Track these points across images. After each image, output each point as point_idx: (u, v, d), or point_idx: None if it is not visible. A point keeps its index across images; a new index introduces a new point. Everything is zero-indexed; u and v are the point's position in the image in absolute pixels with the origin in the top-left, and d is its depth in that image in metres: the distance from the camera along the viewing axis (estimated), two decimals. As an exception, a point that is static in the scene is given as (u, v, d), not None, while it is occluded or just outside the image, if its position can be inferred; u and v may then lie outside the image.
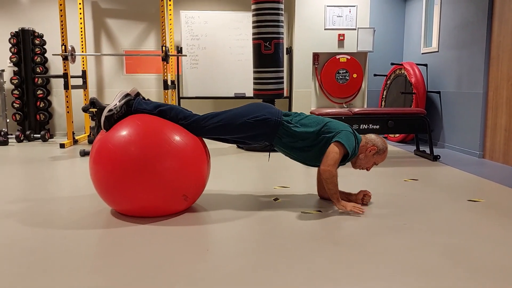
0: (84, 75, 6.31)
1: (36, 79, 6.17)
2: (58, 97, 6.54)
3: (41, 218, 2.65)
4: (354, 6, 6.21)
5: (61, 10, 5.52)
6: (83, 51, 6.25)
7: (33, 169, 4.16)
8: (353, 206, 2.74)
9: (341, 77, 6.31)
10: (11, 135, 6.09)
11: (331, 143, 2.70)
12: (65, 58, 5.62)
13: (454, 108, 5.26)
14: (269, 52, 4.98)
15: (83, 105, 6.08)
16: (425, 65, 5.86)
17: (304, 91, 6.38)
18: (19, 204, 2.97)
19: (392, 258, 2.06)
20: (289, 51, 6.43)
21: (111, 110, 2.62)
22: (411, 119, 4.61)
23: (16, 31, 6.14)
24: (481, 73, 4.71)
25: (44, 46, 6.33)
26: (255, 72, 5.14)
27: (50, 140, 6.23)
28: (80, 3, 6.15)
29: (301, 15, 6.22)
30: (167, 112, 2.70)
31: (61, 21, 5.55)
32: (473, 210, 2.85)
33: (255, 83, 5.18)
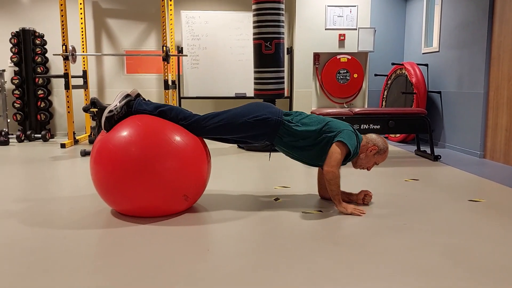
0: (84, 75, 6.32)
1: (37, 79, 6.18)
2: (59, 97, 6.55)
3: (42, 218, 2.65)
4: (354, 6, 6.21)
5: (61, 10, 5.53)
6: (83, 51, 6.26)
7: (34, 169, 4.17)
8: (353, 208, 2.74)
9: (341, 77, 6.31)
10: (12, 135, 6.10)
11: (333, 142, 2.70)
12: (65, 58, 5.62)
13: (455, 108, 5.25)
14: (269, 52, 4.98)
15: (84, 105, 6.09)
16: (426, 65, 5.86)
17: (305, 91, 6.38)
18: (20, 204, 2.97)
19: (393, 258, 2.06)
20: (290, 51, 6.43)
21: (111, 111, 2.62)
22: (411, 119, 4.61)
23: (17, 31, 6.15)
24: (482, 73, 4.70)
25: (44, 46, 6.33)
26: (255, 72, 5.14)
27: (50, 140, 6.23)
28: (80, 3, 6.15)
29: (301, 15, 6.21)
30: (167, 113, 2.71)
31: (62, 21, 5.56)
32: (474, 210, 2.85)
33: (255, 83, 5.18)
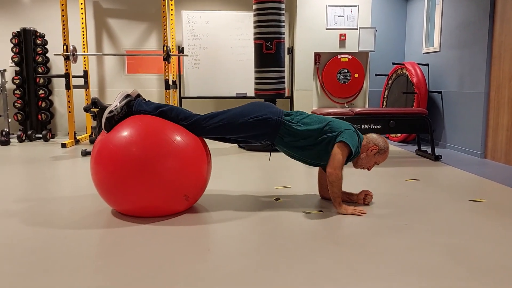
0: (85, 75, 6.32)
1: (38, 79, 6.19)
2: (60, 97, 6.56)
3: (42, 218, 2.65)
4: (355, 6, 6.21)
5: (62, 10, 5.53)
6: (84, 51, 6.26)
7: (35, 169, 4.17)
8: (354, 209, 2.74)
9: (342, 77, 6.30)
10: (13, 135, 6.10)
11: (335, 143, 2.69)
12: (66, 58, 5.63)
13: (456, 108, 5.25)
14: (270, 52, 4.98)
15: (85, 105, 6.10)
16: (427, 65, 5.85)
17: (306, 91, 6.38)
18: (20, 204, 2.98)
19: (393, 258, 2.06)
20: (291, 51, 6.43)
21: (112, 111, 2.62)
22: (412, 119, 4.61)
23: (17, 31, 6.15)
24: (483, 72, 4.70)
25: (45, 46, 6.34)
26: (256, 72, 5.14)
27: (51, 140, 6.24)
28: (81, 3, 6.15)
29: (302, 15, 6.21)
30: (167, 113, 2.71)
31: (63, 21, 5.56)
32: (475, 210, 2.85)
33: (256, 83, 5.18)
